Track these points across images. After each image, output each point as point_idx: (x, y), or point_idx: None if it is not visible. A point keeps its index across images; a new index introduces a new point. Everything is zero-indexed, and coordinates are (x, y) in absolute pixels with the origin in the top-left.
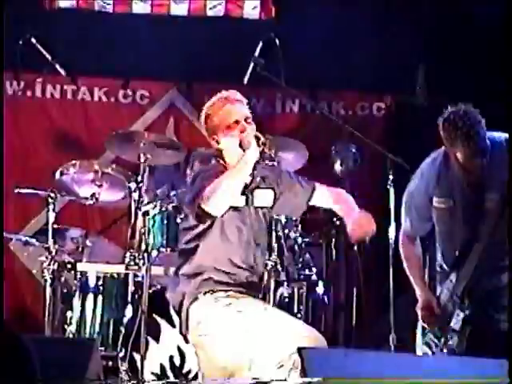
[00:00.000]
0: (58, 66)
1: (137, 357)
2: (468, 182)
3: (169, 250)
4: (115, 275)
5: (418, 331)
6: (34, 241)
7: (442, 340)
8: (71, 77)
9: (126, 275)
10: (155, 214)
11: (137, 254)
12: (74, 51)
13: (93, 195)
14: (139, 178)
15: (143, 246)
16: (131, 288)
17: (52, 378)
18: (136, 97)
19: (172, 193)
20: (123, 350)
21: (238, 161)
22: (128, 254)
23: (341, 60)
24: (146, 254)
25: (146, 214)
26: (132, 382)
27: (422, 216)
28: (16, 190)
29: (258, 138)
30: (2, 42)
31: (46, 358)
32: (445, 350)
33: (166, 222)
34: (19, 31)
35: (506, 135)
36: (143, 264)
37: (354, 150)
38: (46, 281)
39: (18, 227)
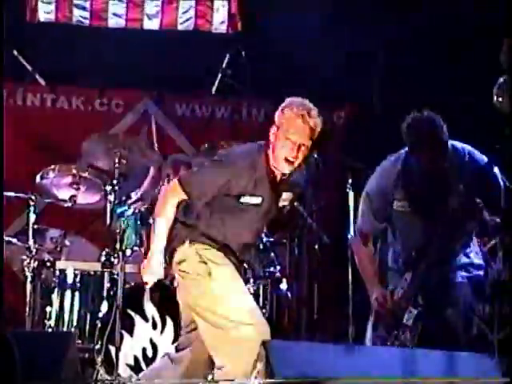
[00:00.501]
0: (37, 76)
1: (112, 349)
2: (429, 185)
3: (142, 249)
4: (92, 272)
5: (369, 325)
6: (15, 240)
7: (393, 334)
8: (50, 86)
9: (102, 272)
10: (129, 216)
11: (112, 253)
12: (52, 62)
13: (71, 198)
14: (114, 182)
15: (118, 246)
16: (107, 284)
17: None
18: (111, 105)
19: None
20: (99, 343)
21: None
22: (104, 253)
23: (303, 70)
24: (120, 253)
25: (120, 215)
26: (107, 373)
27: (378, 216)
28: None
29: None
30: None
31: (25, 352)
32: (396, 343)
33: (139, 222)
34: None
35: (466, 146)
36: (118, 262)
37: (315, 156)
38: (26, 278)
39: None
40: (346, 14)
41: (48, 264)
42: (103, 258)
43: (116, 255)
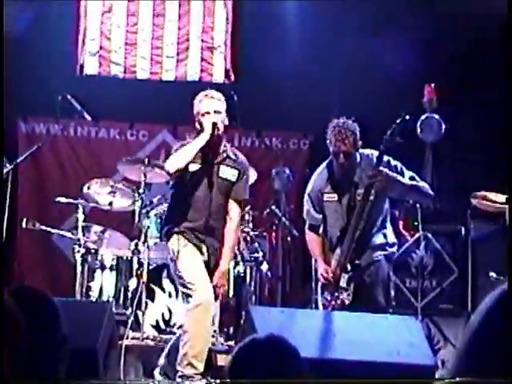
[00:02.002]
0: (85, 114)
1: (139, 313)
2: (344, 177)
3: (163, 241)
4: (124, 257)
5: (318, 292)
6: (69, 234)
7: (335, 296)
8: (94, 121)
9: (132, 257)
10: (152, 216)
11: (139, 243)
12: (96, 104)
13: (110, 203)
14: (141, 191)
15: (143, 238)
16: (135, 266)
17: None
18: (139, 135)
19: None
20: (130, 309)
21: (195, 138)
22: (133, 243)
23: (276, 110)
24: (146, 244)
25: (146, 215)
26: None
27: (316, 209)
28: (56, 199)
29: (214, 124)
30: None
31: (73, 316)
32: (338, 303)
33: (159, 221)
34: (59, 89)
35: (375, 151)
36: (143, 250)
37: (287, 172)
38: (76, 261)
39: (58, 224)
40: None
41: (92, 251)
42: (133, 247)
43: (142, 245)
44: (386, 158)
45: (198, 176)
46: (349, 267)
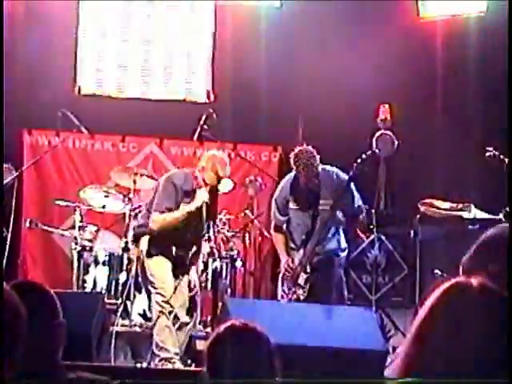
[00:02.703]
0: (82, 128)
1: (128, 303)
2: (308, 192)
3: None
4: (115, 254)
5: (279, 284)
6: (67, 233)
7: (292, 291)
8: (90, 135)
9: (122, 254)
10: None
11: (129, 242)
12: (92, 121)
13: (103, 206)
14: (131, 196)
15: (131, 237)
16: (125, 262)
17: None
18: (129, 147)
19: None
20: (120, 299)
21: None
22: (124, 241)
23: (249, 126)
24: (134, 242)
25: (135, 217)
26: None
27: (281, 213)
28: (56, 202)
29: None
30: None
31: (70, 305)
32: (294, 297)
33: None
34: (60, 106)
35: (334, 168)
36: (132, 248)
37: (259, 181)
38: (73, 257)
39: (58, 224)
40: None
41: (87, 248)
42: (123, 245)
43: (131, 243)
44: (344, 175)
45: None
46: (308, 269)
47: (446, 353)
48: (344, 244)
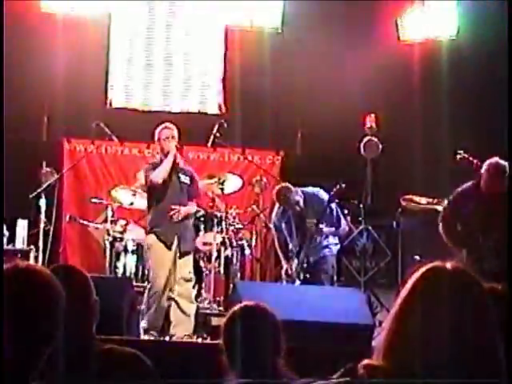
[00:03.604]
0: (113, 137)
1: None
2: (294, 216)
3: None
4: (142, 244)
5: (284, 280)
6: (101, 226)
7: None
8: (120, 142)
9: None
10: None
11: None
12: (122, 129)
13: (131, 203)
14: None
15: None
16: None
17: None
18: (154, 153)
19: None
20: (146, 282)
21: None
22: None
23: (255, 133)
24: None
25: None
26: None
27: (278, 229)
28: (92, 200)
29: (176, 147)
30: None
31: (104, 287)
32: None
33: None
34: (94, 118)
35: (317, 189)
36: None
37: (264, 180)
38: (106, 247)
39: (93, 218)
40: None
41: (118, 239)
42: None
43: None
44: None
45: (168, 183)
46: (301, 276)
47: (423, 327)
48: (334, 240)
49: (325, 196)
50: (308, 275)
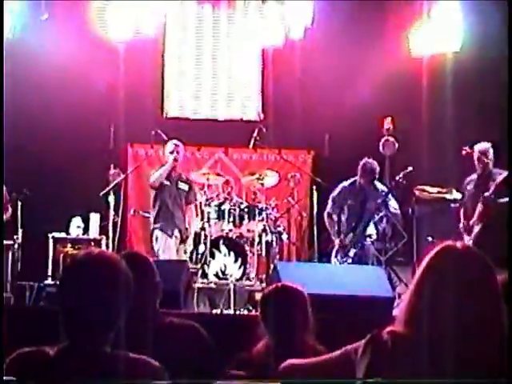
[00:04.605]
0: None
1: (206, 267)
2: (363, 197)
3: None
4: (196, 231)
5: (333, 255)
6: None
7: (343, 260)
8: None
9: (200, 232)
10: (212, 205)
11: (205, 223)
12: (177, 135)
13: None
14: (205, 189)
15: (206, 219)
16: (202, 237)
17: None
18: (203, 155)
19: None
20: (199, 264)
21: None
22: (201, 223)
23: (289, 135)
24: (208, 223)
25: (208, 205)
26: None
27: (335, 207)
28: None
29: (175, 159)
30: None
31: (163, 270)
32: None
33: (216, 209)
34: (153, 126)
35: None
36: (207, 227)
37: (298, 176)
38: None
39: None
40: None
41: None
42: (200, 225)
43: (206, 224)
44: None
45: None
46: (357, 246)
47: (438, 298)
48: (374, 231)
49: (384, 189)
50: (359, 248)
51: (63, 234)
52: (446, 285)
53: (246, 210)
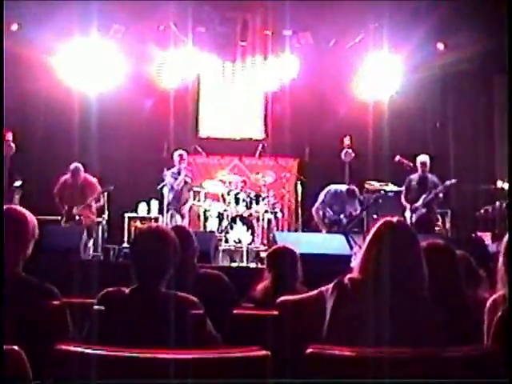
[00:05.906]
0: (203, 153)
1: (228, 235)
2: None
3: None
4: (221, 211)
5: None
6: (198, 203)
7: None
8: (207, 155)
9: (223, 212)
10: (231, 195)
11: (227, 206)
12: (207, 148)
13: (214, 189)
14: (227, 184)
15: (227, 204)
16: (225, 216)
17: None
18: (226, 161)
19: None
20: (223, 234)
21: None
22: (223, 207)
23: (284, 146)
24: (229, 206)
25: (228, 194)
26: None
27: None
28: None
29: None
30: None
31: (199, 238)
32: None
33: (234, 198)
34: (192, 142)
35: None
36: (229, 209)
37: (288, 175)
38: (200, 215)
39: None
40: None
41: (208, 210)
42: (224, 208)
43: (227, 206)
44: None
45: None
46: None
47: (379, 254)
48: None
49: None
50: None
51: (134, 214)
52: (384, 246)
53: (254, 197)
